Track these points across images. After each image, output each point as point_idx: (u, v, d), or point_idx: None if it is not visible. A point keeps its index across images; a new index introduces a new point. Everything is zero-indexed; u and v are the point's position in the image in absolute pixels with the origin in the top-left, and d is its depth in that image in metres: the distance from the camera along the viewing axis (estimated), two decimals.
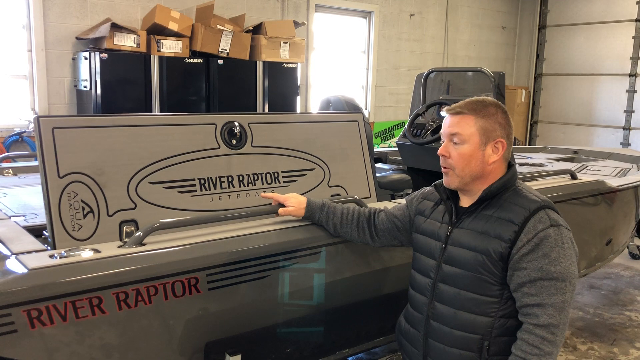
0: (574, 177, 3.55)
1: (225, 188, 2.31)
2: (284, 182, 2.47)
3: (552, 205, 1.84)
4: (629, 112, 9.03)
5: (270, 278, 2.13)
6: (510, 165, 1.93)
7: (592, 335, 4.15)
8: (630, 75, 8.94)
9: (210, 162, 2.28)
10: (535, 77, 10.15)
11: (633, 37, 8.89)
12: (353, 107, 3.72)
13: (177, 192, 2.18)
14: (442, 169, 1.94)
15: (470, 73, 4.63)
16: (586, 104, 9.49)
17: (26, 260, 1.75)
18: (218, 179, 2.29)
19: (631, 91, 8.95)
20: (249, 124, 2.42)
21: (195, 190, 2.22)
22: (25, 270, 1.69)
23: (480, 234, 1.84)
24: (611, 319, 4.43)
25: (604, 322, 4.37)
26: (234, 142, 2.36)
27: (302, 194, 2.42)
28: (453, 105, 1.91)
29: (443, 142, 1.93)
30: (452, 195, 1.98)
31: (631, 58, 8.93)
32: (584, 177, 3.67)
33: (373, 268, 2.48)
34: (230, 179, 2.33)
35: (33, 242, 1.94)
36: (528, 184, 3.29)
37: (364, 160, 2.75)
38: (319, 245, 2.25)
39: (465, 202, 1.95)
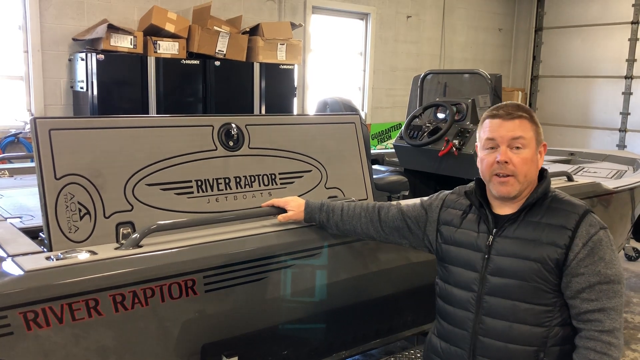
0: (570, 179, 3.55)
1: (222, 190, 2.30)
2: (281, 184, 2.46)
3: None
4: (625, 114, 9.05)
5: (267, 280, 2.13)
6: (542, 169, 1.90)
7: None
8: (626, 77, 8.97)
9: (207, 164, 2.28)
10: (531, 79, 10.17)
11: (629, 40, 8.92)
12: (350, 109, 3.72)
13: (174, 194, 2.17)
14: (498, 178, 1.82)
15: (466, 75, 4.62)
16: (582, 106, 9.51)
17: (22, 262, 1.74)
18: (215, 181, 2.29)
19: (627, 93, 8.98)
20: (246, 125, 2.42)
21: (192, 192, 2.22)
22: (22, 272, 1.68)
23: (531, 241, 1.78)
24: None
25: None
26: (231, 143, 2.36)
27: (299, 196, 2.42)
28: (505, 110, 1.83)
29: (490, 148, 1.84)
30: (486, 203, 1.91)
31: (627, 60, 8.96)
32: (580, 179, 3.67)
33: (371, 270, 2.47)
34: (227, 180, 2.32)
35: (29, 244, 1.94)
36: None
37: (361, 162, 2.75)
38: (315, 247, 2.25)
39: (503, 209, 1.88)
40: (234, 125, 2.37)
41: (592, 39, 9.31)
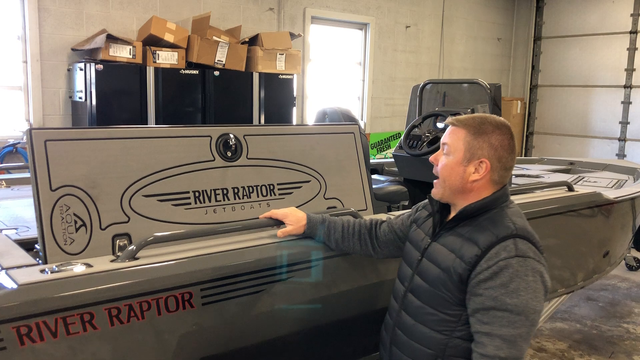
0: (570, 189, 3.53)
1: (220, 201, 2.28)
2: (279, 194, 2.44)
3: (528, 234, 1.76)
4: (624, 123, 9.06)
5: (265, 292, 2.10)
6: (500, 188, 1.86)
7: (590, 348, 4.13)
8: (625, 86, 8.99)
9: (205, 175, 2.26)
10: (530, 89, 10.18)
11: (627, 49, 8.95)
12: (349, 119, 3.71)
13: (171, 205, 2.15)
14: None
15: (465, 85, 4.62)
16: (582, 115, 9.52)
17: (16, 275, 1.71)
18: (213, 192, 2.26)
19: (626, 102, 9.00)
20: (244, 135, 2.40)
21: (190, 203, 2.19)
22: (15, 286, 1.65)
23: (449, 251, 1.81)
24: (609, 332, 4.42)
25: (601, 335, 4.35)
26: (229, 154, 2.33)
27: (297, 207, 2.40)
28: (453, 118, 1.89)
29: None
30: (443, 209, 1.94)
31: (626, 70, 8.98)
32: (580, 189, 3.65)
33: (371, 281, 2.45)
34: (225, 191, 2.30)
35: (24, 257, 1.91)
36: (524, 195, 3.31)
37: (360, 172, 2.73)
38: (315, 258, 2.22)
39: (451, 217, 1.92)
40: (232, 136, 2.35)
41: (591, 48, 9.34)
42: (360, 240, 2.19)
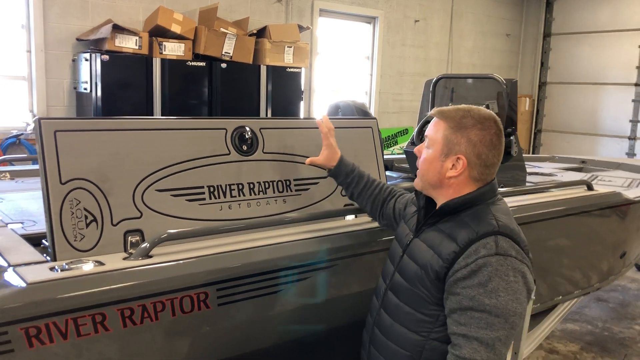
0: (590, 188, 3.45)
1: (236, 196, 2.19)
2: (295, 190, 2.36)
3: (512, 232, 1.64)
4: (635, 121, 8.98)
5: (284, 292, 2.01)
6: (484, 185, 1.75)
7: (603, 351, 4.07)
8: (636, 84, 8.90)
9: (220, 169, 2.17)
10: (539, 86, 10.09)
11: (639, 47, 8.84)
12: (363, 113, 3.62)
13: (185, 201, 2.06)
14: None
15: (470, 80, 4.56)
16: (591, 113, 9.43)
17: (25, 273, 1.63)
18: (228, 187, 2.17)
19: (637, 101, 8.91)
20: (260, 129, 2.31)
21: (204, 199, 2.11)
22: (24, 285, 1.57)
23: (428, 248, 1.72)
24: (620, 333, 4.36)
25: (613, 337, 4.30)
26: (244, 148, 2.25)
27: (314, 203, 2.33)
28: (436, 109, 1.80)
29: None
30: (429, 205, 1.83)
31: (637, 67, 8.90)
32: (599, 189, 3.57)
33: None
34: (240, 186, 2.21)
35: (32, 253, 1.82)
36: (543, 194, 3.22)
37: (378, 169, 2.64)
38: (339, 256, 2.14)
39: None
40: (248, 129, 2.26)
41: (602, 45, 9.23)
42: (372, 205, 2.19)
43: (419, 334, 1.71)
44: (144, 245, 1.82)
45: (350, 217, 2.46)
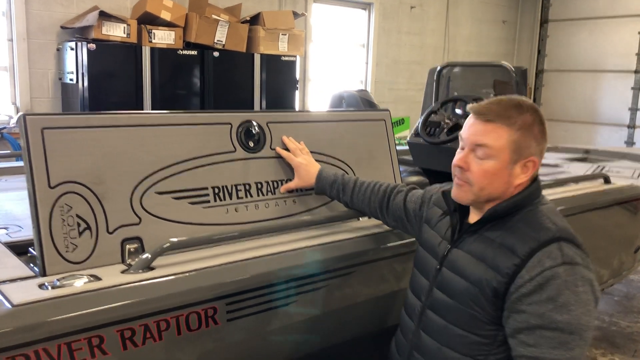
0: (607, 181, 3.32)
1: (242, 198, 2.00)
2: (307, 189, 2.18)
3: (572, 236, 1.49)
4: (634, 109, 8.90)
5: (299, 304, 1.84)
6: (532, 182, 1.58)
7: (612, 346, 3.98)
8: (635, 71, 8.81)
9: (225, 168, 1.98)
10: (536, 74, 9.99)
11: (639, 33, 8.75)
12: (368, 104, 3.45)
13: (187, 204, 1.87)
14: (455, 179, 1.60)
15: (466, 68, 4.45)
16: (589, 102, 9.34)
17: (10, 292, 1.44)
18: (234, 188, 1.99)
19: (636, 88, 8.83)
20: (267, 123, 2.12)
21: (209, 201, 1.92)
22: (9, 307, 1.38)
23: (478, 260, 1.53)
24: (628, 328, 4.28)
25: (621, 331, 4.21)
26: (251, 144, 2.06)
27: (327, 203, 2.17)
28: (482, 107, 1.54)
29: (461, 148, 1.58)
30: (461, 208, 1.65)
31: (637, 54, 8.81)
32: (616, 181, 3.44)
33: None
34: (247, 187, 2.03)
35: (18, 266, 1.63)
36: (560, 188, 3.08)
37: (392, 164, 2.48)
38: (355, 264, 1.97)
39: (473, 217, 1.63)
40: (254, 123, 2.08)
41: (600, 32, 9.12)
42: (369, 209, 2.04)
43: (474, 358, 1.54)
44: (144, 256, 1.64)
45: (366, 218, 2.29)
